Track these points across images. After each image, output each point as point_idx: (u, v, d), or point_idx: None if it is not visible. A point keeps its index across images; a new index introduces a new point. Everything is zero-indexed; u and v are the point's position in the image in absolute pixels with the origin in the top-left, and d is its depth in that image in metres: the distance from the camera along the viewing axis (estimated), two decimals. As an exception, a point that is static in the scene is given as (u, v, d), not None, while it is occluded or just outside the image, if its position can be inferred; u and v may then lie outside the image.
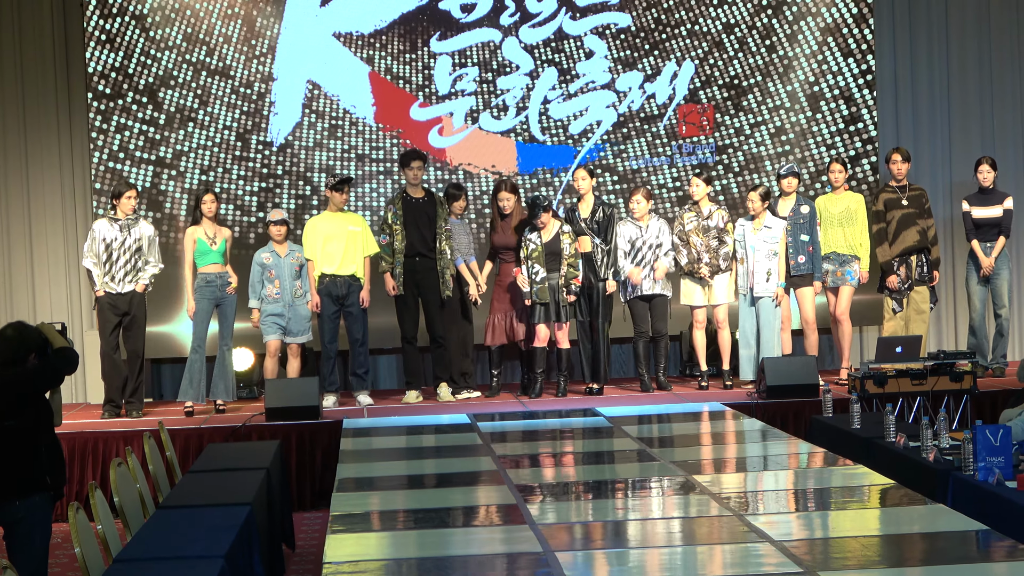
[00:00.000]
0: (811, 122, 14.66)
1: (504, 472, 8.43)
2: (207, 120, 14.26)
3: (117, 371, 12.67)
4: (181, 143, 14.23)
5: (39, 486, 7.64)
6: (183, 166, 14.23)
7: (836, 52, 14.63)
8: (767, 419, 11.33)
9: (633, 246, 13.12)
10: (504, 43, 14.56)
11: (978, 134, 15.09)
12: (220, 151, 14.28)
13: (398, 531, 7.06)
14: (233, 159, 14.30)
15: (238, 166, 14.30)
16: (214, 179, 14.21)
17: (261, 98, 14.34)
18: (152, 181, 14.16)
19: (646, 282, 13.09)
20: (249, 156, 14.32)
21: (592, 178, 13.22)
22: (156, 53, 14.18)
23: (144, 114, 14.16)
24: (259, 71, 14.34)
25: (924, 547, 6.31)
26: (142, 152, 14.17)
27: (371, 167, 14.45)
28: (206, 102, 14.27)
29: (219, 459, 9.85)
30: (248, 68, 14.32)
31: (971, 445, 7.77)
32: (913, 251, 13.36)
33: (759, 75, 14.63)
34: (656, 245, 13.09)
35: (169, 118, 14.21)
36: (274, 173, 14.35)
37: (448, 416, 11.79)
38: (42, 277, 14.49)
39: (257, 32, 14.32)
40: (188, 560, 6.72)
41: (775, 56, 14.62)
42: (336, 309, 12.90)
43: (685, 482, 7.96)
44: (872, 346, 13.90)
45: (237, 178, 14.31)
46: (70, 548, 10.03)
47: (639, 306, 13.18)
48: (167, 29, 14.18)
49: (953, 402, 11.44)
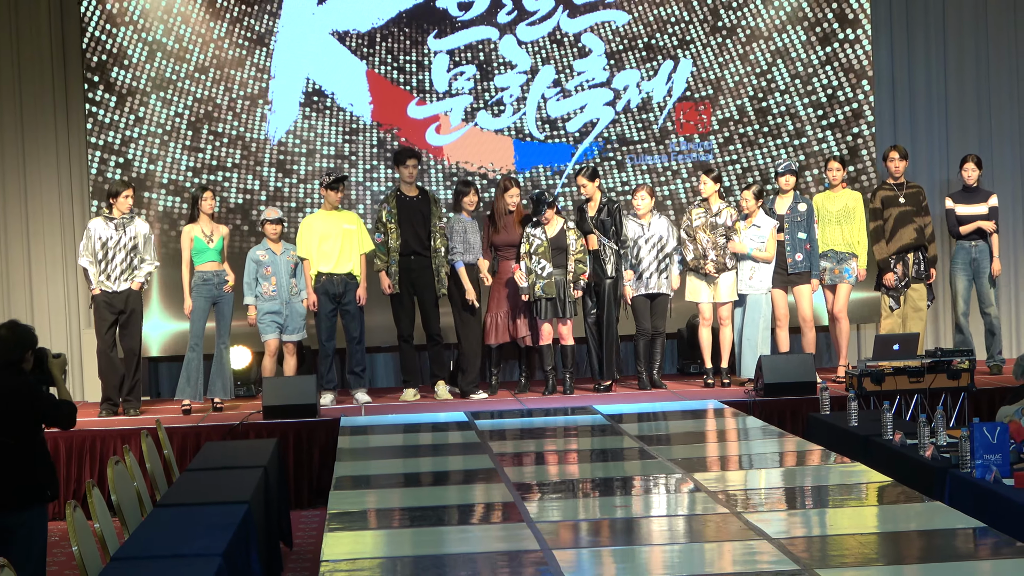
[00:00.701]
0: (809, 120, 14.65)
1: (502, 470, 8.43)
2: (204, 118, 14.25)
3: (114, 369, 12.67)
4: (178, 142, 14.21)
5: (40, 496, 7.64)
6: (180, 164, 14.21)
7: (833, 49, 14.62)
8: (765, 417, 11.33)
9: (635, 244, 13.13)
10: (501, 41, 14.55)
11: (975, 132, 15.10)
12: (218, 149, 14.26)
13: (395, 529, 7.06)
14: (230, 157, 14.29)
15: (235, 164, 14.29)
16: (212, 177, 14.20)
17: (259, 96, 14.33)
18: (149, 180, 14.15)
19: (652, 280, 13.09)
20: (246, 154, 14.31)
21: (592, 181, 13.18)
22: (154, 52, 14.16)
23: (141, 113, 14.15)
24: (256, 69, 14.33)
25: (921, 544, 6.32)
26: (139, 151, 14.15)
27: (368, 165, 14.44)
28: (204, 101, 14.26)
29: (217, 457, 9.85)
30: (245, 66, 14.31)
31: (968, 443, 7.77)
32: (910, 249, 13.36)
33: (756, 73, 14.62)
34: (658, 243, 13.09)
35: (166, 117, 14.19)
36: (271, 171, 14.34)
37: (446, 414, 11.80)
38: (39, 276, 14.48)
39: (255, 30, 14.31)
40: (186, 558, 6.72)
41: (772, 54, 14.61)
42: (333, 307, 12.90)
43: (683, 480, 7.96)
44: (869, 344, 13.92)
45: (234, 176, 14.30)
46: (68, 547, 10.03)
47: (641, 304, 13.18)
48: (164, 28, 14.17)
49: (950, 399, 11.44)
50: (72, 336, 14.47)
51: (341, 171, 14.06)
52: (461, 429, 10.66)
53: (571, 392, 13.00)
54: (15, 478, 7.53)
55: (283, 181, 14.36)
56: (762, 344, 12.93)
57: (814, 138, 14.65)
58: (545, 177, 14.54)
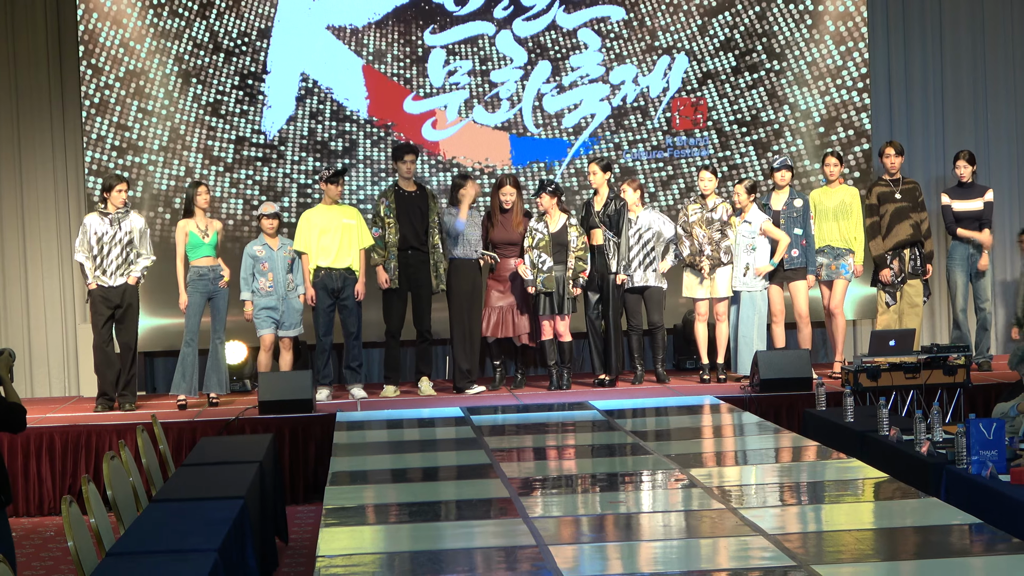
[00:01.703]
0: (804, 115, 14.65)
1: (498, 466, 8.43)
2: (200, 113, 14.24)
3: (110, 364, 12.66)
4: (173, 137, 14.21)
5: None
6: (175, 159, 14.20)
7: (829, 44, 14.62)
8: (760, 412, 11.33)
9: (622, 238, 13.15)
10: (498, 36, 14.54)
11: (971, 128, 15.11)
12: (213, 144, 14.25)
13: (391, 524, 7.06)
14: (226, 152, 14.28)
15: (231, 159, 14.28)
16: (207, 172, 14.19)
17: (254, 91, 14.33)
18: (144, 175, 14.14)
19: (637, 274, 13.10)
20: (242, 149, 14.30)
21: (605, 172, 13.17)
22: (149, 46, 14.15)
23: (137, 108, 14.14)
24: (252, 64, 14.32)
25: (917, 540, 6.31)
26: (135, 146, 14.15)
27: (364, 160, 14.44)
28: (199, 95, 14.24)
29: (212, 452, 9.83)
30: (241, 61, 14.30)
31: (964, 439, 7.77)
32: (906, 245, 13.36)
33: (752, 68, 14.62)
34: (645, 236, 13.09)
35: (162, 112, 14.18)
36: (267, 166, 14.33)
37: (441, 410, 11.79)
38: (35, 271, 14.48)
39: (250, 25, 14.30)
40: (182, 553, 6.71)
41: (768, 49, 14.61)
42: (331, 302, 12.89)
43: (678, 475, 7.96)
44: (865, 340, 13.92)
45: (230, 171, 14.29)
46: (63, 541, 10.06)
47: (631, 299, 13.18)
48: (160, 23, 14.16)
49: (946, 396, 11.45)
50: (67, 331, 14.47)
51: (340, 165, 14.06)
52: (457, 425, 10.65)
53: (568, 387, 13.00)
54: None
55: (279, 176, 14.34)
56: (758, 340, 12.94)
57: (810, 133, 14.64)
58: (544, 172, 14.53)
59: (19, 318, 14.33)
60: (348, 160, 14.34)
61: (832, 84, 14.64)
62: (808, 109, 14.65)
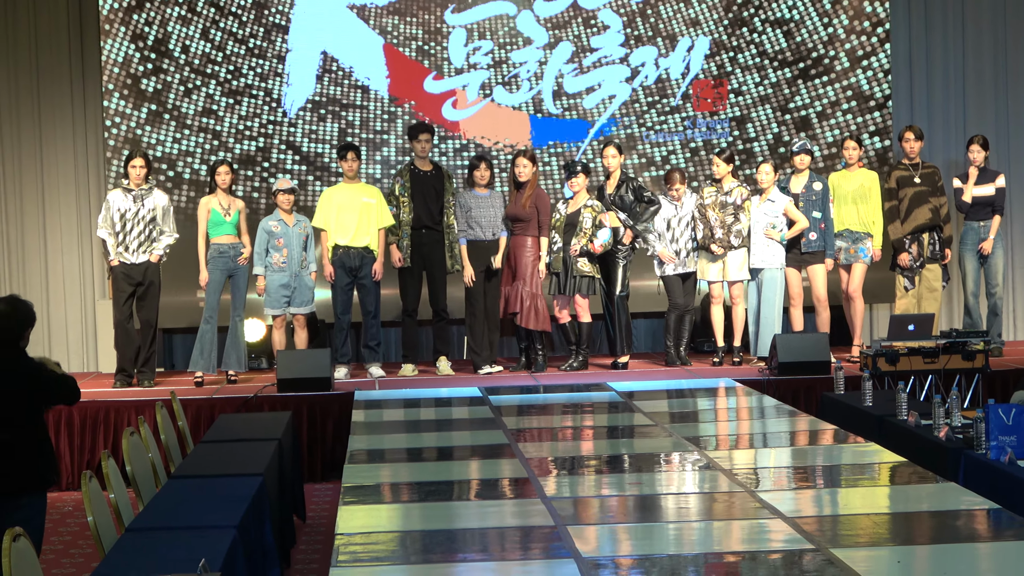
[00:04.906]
0: (825, 98, 14.63)
1: (516, 446, 8.45)
2: (220, 91, 14.26)
3: (130, 341, 12.69)
4: (194, 114, 14.23)
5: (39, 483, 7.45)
6: (196, 136, 14.23)
7: (851, 29, 14.59)
8: (779, 396, 11.33)
9: (668, 224, 13.11)
10: (519, 16, 14.53)
11: (991, 113, 15.07)
12: (234, 121, 14.27)
13: (409, 503, 7.08)
14: (247, 129, 14.30)
15: (251, 136, 14.30)
16: (227, 150, 14.21)
17: (275, 69, 14.34)
18: (165, 150, 14.17)
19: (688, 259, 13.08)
20: (263, 127, 14.32)
21: (621, 154, 13.19)
22: (170, 23, 14.17)
23: (157, 83, 14.17)
24: (274, 42, 14.33)
25: (935, 525, 6.32)
26: (155, 122, 14.18)
27: (384, 139, 14.45)
28: (219, 73, 14.26)
29: (231, 430, 9.87)
30: (263, 39, 14.31)
31: (983, 424, 7.77)
32: (925, 229, 13.34)
33: (773, 52, 14.60)
34: (690, 222, 13.09)
35: (182, 88, 14.21)
36: (287, 144, 14.35)
37: (460, 389, 11.81)
38: (55, 246, 14.52)
39: (272, 3, 14.31)
40: (200, 529, 6.73)
41: (789, 33, 14.58)
42: (349, 281, 12.91)
43: (697, 458, 7.97)
44: (884, 324, 13.91)
45: (250, 149, 14.31)
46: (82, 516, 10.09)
47: (676, 281, 13.15)
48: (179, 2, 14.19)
49: (965, 381, 11.44)
50: (87, 307, 14.51)
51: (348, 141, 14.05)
52: (475, 404, 10.67)
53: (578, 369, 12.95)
54: (15, 463, 7.29)
55: (298, 154, 14.37)
56: (778, 322, 12.92)
57: (830, 117, 14.62)
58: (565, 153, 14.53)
59: (39, 293, 14.37)
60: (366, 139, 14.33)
61: (852, 68, 14.60)
62: (828, 92, 14.62)
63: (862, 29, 14.58)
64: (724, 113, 14.62)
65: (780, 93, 14.62)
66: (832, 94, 14.63)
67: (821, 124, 14.63)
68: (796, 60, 14.61)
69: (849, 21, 14.59)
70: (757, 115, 14.62)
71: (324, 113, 14.39)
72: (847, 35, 14.60)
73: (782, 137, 14.58)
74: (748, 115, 14.62)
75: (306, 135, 14.37)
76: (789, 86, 14.62)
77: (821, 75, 14.61)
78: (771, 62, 14.61)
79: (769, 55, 14.61)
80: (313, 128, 14.38)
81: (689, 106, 14.62)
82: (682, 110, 14.61)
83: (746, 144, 14.60)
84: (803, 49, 14.61)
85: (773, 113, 14.62)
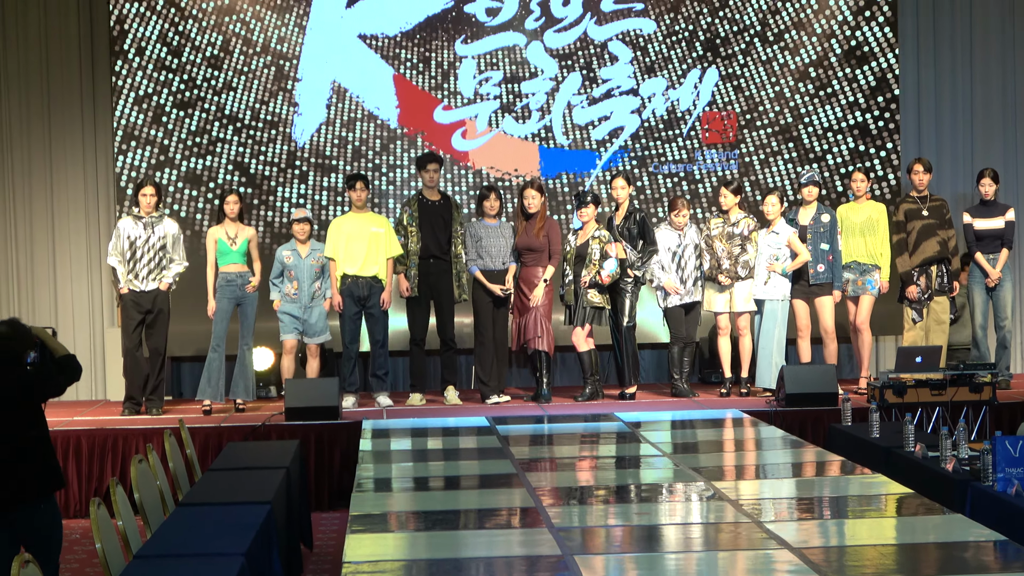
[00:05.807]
0: (834, 131, 14.66)
1: (523, 475, 8.45)
2: (231, 120, 14.31)
3: (138, 369, 12.71)
4: (205, 144, 14.28)
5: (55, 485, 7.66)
6: (206, 166, 14.27)
7: (859, 60, 14.63)
8: (786, 427, 11.32)
9: (674, 255, 13.12)
10: (529, 47, 14.59)
11: (999, 146, 15.09)
12: (244, 151, 14.33)
13: (417, 532, 7.08)
14: (257, 159, 14.35)
15: (262, 166, 14.35)
16: (237, 179, 14.26)
17: (286, 98, 14.39)
18: (175, 180, 14.23)
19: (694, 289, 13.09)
20: (273, 156, 14.37)
21: (631, 185, 13.22)
22: (180, 56, 14.23)
23: (168, 114, 14.22)
24: (284, 72, 14.39)
25: (941, 556, 6.32)
26: (166, 151, 14.23)
27: (394, 170, 14.49)
28: (230, 102, 14.31)
29: (239, 458, 9.87)
30: (273, 69, 14.37)
31: (990, 456, 7.77)
32: (933, 261, 13.34)
33: (782, 84, 14.64)
34: (694, 252, 13.10)
35: (193, 119, 14.26)
36: (297, 173, 14.40)
37: (467, 419, 11.81)
38: (64, 273, 14.56)
39: (282, 33, 14.37)
40: (208, 557, 6.74)
41: (799, 65, 14.63)
42: (358, 310, 12.94)
43: (703, 488, 7.98)
44: (891, 356, 13.91)
45: (261, 178, 14.36)
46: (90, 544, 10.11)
47: (678, 312, 13.15)
48: (192, 31, 14.24)
49: (972, 413, 11.44)
50: (95, 334, 14.54)
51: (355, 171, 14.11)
52: (482, 434, 10.68)
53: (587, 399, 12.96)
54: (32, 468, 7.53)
55: (309, 183, 14.41)
56: (777, 354, 12.93)
57: (839, 150, 14.66)
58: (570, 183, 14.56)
59: (48, 320, 14.39)
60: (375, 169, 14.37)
61: (861, 100, 14.64)
62: (837, 125, 14.66)
63: (871, 61, 14.61)
64: (732, 145, 14.65)
65: (788, 125, 14.65)
66: (841, 126, 14.65)
67: (829, 156, 14.65)
68: (805, 92, 14.65)
69: (859, 55, 14.63)
70: (765, 147, 14.65)
71: (334, 142, 14.44)
72: (856, 67, 14.63)
73: (790, 169, 14.61)
74: (756, 148, 14.65)
75: (314, 166, 14.41)
76: (798, 118, 14.65)
77: (830, 107, 14.63)
78: (780, 95, 14.64)
79: (779, 87, 14.65)
80: (322, 157, 14.42)
81: (698, 137, 14.65)
82: (690, 142, 14.64)
83: (753, 176, 14.63)
84: (812, 81, 14.65)
85: (781, 146, 14.65)
